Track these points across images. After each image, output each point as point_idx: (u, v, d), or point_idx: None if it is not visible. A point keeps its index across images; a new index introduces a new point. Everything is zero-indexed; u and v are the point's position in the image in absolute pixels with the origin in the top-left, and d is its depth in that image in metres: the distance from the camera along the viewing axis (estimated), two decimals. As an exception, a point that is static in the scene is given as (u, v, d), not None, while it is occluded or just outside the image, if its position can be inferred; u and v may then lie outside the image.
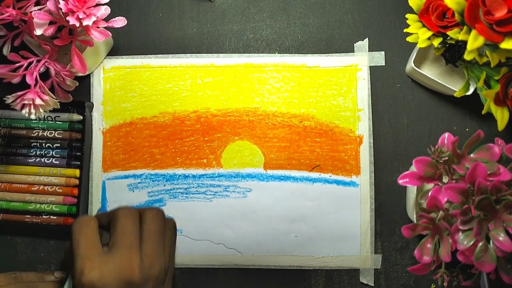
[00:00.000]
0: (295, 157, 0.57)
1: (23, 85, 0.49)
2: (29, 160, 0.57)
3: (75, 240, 0.42)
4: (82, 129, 0.56)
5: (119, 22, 0.51)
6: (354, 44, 0.58)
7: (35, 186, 0.57)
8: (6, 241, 0.58)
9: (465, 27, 0.42)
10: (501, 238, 0.39)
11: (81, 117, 0.56)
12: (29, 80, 0.49)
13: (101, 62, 0.58)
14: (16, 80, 0.50)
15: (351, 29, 0.58)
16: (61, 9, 0.46)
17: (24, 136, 0.57)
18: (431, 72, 0.55)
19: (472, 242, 0.40)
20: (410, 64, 0.54)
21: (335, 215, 0.56)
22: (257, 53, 0.58)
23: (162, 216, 0.45)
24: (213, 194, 0.57)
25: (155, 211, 0.44)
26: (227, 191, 0.57)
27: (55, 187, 0.56)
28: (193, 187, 0.57)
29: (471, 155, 0.43)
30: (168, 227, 0.45)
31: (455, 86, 0.53)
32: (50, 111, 0.51)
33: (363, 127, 0.57)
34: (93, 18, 0.47)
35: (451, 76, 0.55)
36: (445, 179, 0.44)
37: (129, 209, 0.44)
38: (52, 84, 0.52)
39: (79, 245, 0.41)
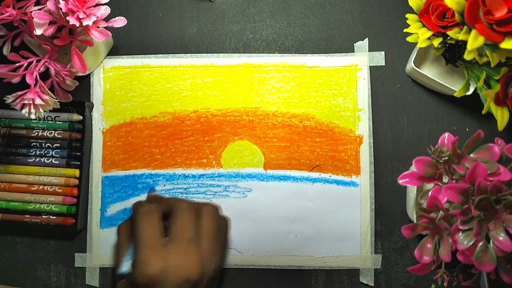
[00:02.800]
0: (295, 157, 0.57)
1: (23, 85, 0.49)
2: (29, 160, 0.57)
3: (140, 228, 0.42)
4: (82, 129, 0.56)
5: (119, 22, 0.51)
6: (354, 44, 0.58)
7: (35, 186, 0.57)
8: (6, 241, 0.58)
9: (465, 27, 0.42)
10: (501, 238, 0.39)
11: (81, 117, 0.56)
12: (29, 80, 0.49)
13: (101, 62, 0.58)
14: (16, 80, 0.50)
15: (351, 29, 0.58)
16: (61, 9, 0.46)
17: (24, 136, 0.57)
18: (431, 72, 0.55)
19: (472, 242, 0.40)
20: (410, 64, 0.54)
21: (335, 215, 0.56)
22: (257, 53, 0.58)
23: (218, 213, 0.45)
24: (213, 194, 0.57)
25: (212, 208, 0.44)
26: (227, 191, 0.57)
27: (54, 187, 0.56)
28: (193, 187, 0.57)
29: (471, 155, 0.44)
30: (223, 225, 0.45)
31: (455, 86, 0.53)
32: (50, 111, 0.51)
33: (363, 127, 0.57)
34: (93, 18, 0.47)
35: (451, 76, 0.55)
36: (445, 179, 0.44)
37: (189, 202, 0.44)
38: (52, 84, 0.52)
39: (144, 234, 0.41)
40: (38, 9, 0.48)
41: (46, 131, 0.57)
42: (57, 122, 0.57)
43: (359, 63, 0.57)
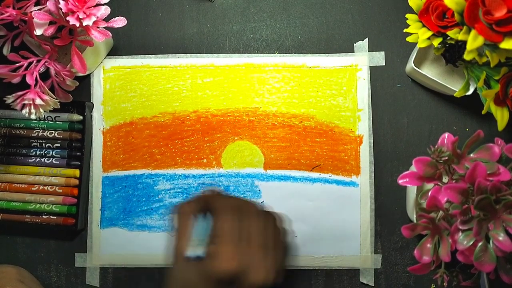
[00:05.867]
0: (295, 157, 0.57)
1: (23, 85, 0.49)
2: (29, 160, 0.57)
3: (224, 221, 0.43)
4: (82, 129, 0.56)
5: (119, 22, 0.51)
6: (354, 44, 0.58)
7: (35, 186, 0.57)
8: (6, 241, 0.58)
9: (465, 27, 0.42)
10: (500, 238, 0.39)
11: (81, 117, 0.56)
12: (29, 80, 0.49)
13: (101, 62, 0.58)
14: (16, 80, 0.50)
15: (351, 29, 0.58)
16: (61, 9, 0.46)
17: (24, 136, 0.57)
18: (431, 72, 0.55)
19: (472, 242, 0.40)
20: (410, 64, 0.54)
21: (335, 215, 0.56)
22: (257, 53, 0.58)
23: (265, 216, 0.46)
24: (213, 194, 0.57)
25: (280, 216, 0.46)
26: (227, 191, 0.57)
27: (55, 187, 0.56)
28: (193, 187, 0.57)
29: (471, 155, 0.44)
30: (287, 233, 0.47)
31: (455, 86, 0.53)
32: (50, 111, 0.51)
33: (363, 127, 0.57)
34: (93, 18, 0.47)
35: (451, 76, 0.55)
36: (445, 179, 0.44)
37: (231, 201, 0.45)
38: (52, 84, 0.52)
39: (228, 229, 0.43)
40: (38, 9, 0.48)
41: (46, 131, 0.57)
42: (57, 122, 0.57)
43: (359, 63, 0.57)
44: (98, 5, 0.48)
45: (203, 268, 0.42)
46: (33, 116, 0.49)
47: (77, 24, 0.47)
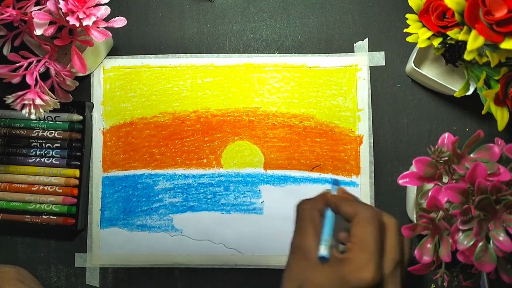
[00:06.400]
0: (295, 157, 0.57)
1: (23, 85, 0.49)
2: (29, 160, 0.57)
3: (370, 232, 0.42)
4: (82, 129, 0.56)
5: (119, 22, 0.51)
6: (354, 44, 0.58)
7: (35, 186, 0.57)
8: (6, 241, 0.58)
9: (465, 27, 0.42)
10: (501, 238, 0.39)
11: (81, 117, 0.56)
12: (29, 80, 0.49)
13: (101, 62, 0.58)
14: (16, 80, 0.50)
15: (351, 29, 0.58)
16: (61, 9, 0.46)
17: (24, 136, 0.57)
18: (431, 72, 0.55)
19: (472, 242, 0.40)
20: (410, 64, 0.54)
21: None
22: (257, 53, 0.58)
23: (400, 230, 0.44)
24: (213, 194, 0.57)
25: (395, 222, 0.44)
26: (227, 191, 0.57)
27: (55, 187, 0.56)
28: (193, 187, 0.57)
29: (471, 155, 0.44)
30: (405, 241, 0.45)
31: (455, 86, 0.53)
32: (50, 111, 0.51)
33: (363, 127, 0.57)
34: (93, 18, 0.47)
35: (451, 76, 0.55)
36: (445, 179, 0.44)
37: (375, 212, 0.43)
38: (52, 84, 0.52)
39: (373, 240, 0.41)
40: (38, 9, 0.48)
41: (46, 131, 0.57)
42: (57, 122, 0.57)
43: (359, 63, 0.57)
44: (98, 5, 0.48)
45: (339, 274, 0.41)
46: (33, 116, 0.49)
47: (77, 24, 0.47)
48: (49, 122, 0.57)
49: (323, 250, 0.42)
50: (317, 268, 0.42)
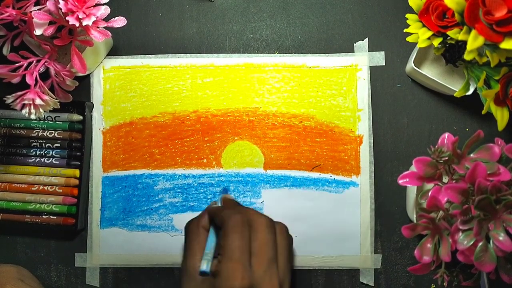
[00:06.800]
0: (295, 157, 0.57)
1: (23, 85, 0.49)
2: (29, 160, 0.57)
3: (231, 239, 0.43)
4: (82, 129, 0.56)
5: (119, 22, 0.51)
6: (354, 44, 0.58)
7: (35, 186, 0.57)
8: (6, 241, 0.58)
9: (465, 27, 0.42)
10: (501, 238, 0.39)
11: (81, 117, 0.56)
12: (29, 80, 0.49)
13: (101, 62, 0.58)
14: (16, 80, 0.50)
15: (351, 29, 0.58)
16: (61, 9, 0.46)
17: (24, 136, 0.57)
18: (431, 72, 0.55)
19: (472, 242, 0.40)
20: (410, 64, 0.54)
21: (335, 215, 0.56)
22: (257, 53, 0.58)
23: (273, 227, 0.45)
24: (213, 194, 0.57)
25: (284, 227, 0.46)
26: (227, 191, 0.57)
27: (55, 187, 0.56)
28: (193, 187, 0.57)
29: (471, 155, 0.44)
30: (291, 243, 0.47)
31: (455, 86, 0.53)
32: (50, 111, 0.51)
33: (363, 127, 0.57)
34: (93, 18, 0.47)
35: (451, 76, 0.55)
36: (445, 179, 0.44)
37: (266, 218, 0.45)
38: (52, 84, 0.52)
39: (235, 247, 0.42)
40: (38, 9, 0.48)
41: (46, 131, 0.57)
42: (57, 122, 0.57)
43: (359, 63, 0.57)
44: (97, 5, 0.48)
45: (216, 286, 0.42)
46: (33, 116, 0.49)
47: (77, 24, 0.47)
48: (49, 122, 0.57)
49: (203, 265, 0.43)
50: (202, 285, 0.43)
